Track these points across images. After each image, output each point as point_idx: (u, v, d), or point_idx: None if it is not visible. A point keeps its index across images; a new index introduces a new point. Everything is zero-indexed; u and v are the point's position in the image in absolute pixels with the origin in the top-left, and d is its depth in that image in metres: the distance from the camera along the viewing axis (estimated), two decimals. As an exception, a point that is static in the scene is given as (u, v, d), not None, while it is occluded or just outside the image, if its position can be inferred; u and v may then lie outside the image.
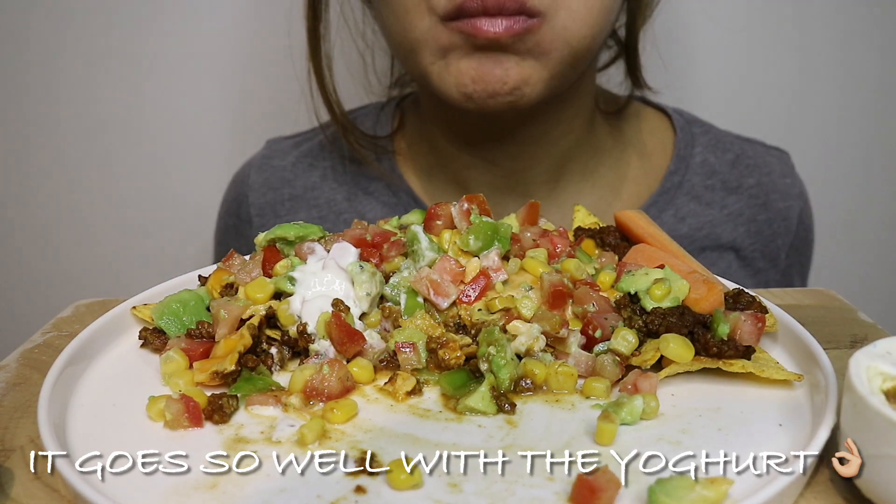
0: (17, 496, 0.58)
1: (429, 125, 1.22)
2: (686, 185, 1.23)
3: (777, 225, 1.25)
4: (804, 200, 1.29)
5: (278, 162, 1.29)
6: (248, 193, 1.28)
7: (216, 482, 0.57)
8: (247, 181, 1.29)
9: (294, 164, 1.28)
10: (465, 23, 0.96)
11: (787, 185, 1.27)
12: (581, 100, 1.16)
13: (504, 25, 0.94)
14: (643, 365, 0.70)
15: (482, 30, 0.95)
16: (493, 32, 0.95)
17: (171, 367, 0.70)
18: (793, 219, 1.26)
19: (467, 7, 0.94)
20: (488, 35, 0.95)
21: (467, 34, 0.96)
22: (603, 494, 0.53)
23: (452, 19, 0.96)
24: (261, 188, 1.27)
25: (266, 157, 1.31)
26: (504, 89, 0.99)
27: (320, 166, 1.28)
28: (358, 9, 1.25)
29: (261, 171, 1.29)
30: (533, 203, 0.86)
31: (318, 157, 1.29)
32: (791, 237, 1.26)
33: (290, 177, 1.28)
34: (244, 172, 1.31)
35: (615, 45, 1.24)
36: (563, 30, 0.98)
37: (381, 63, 1.32)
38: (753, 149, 1.29)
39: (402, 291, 0.76)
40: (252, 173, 1.29)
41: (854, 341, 0.80)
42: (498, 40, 0.95)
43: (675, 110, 1.29)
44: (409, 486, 0.56)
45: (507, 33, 0.95)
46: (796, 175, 1.29)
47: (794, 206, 1.26)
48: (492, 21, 0.94)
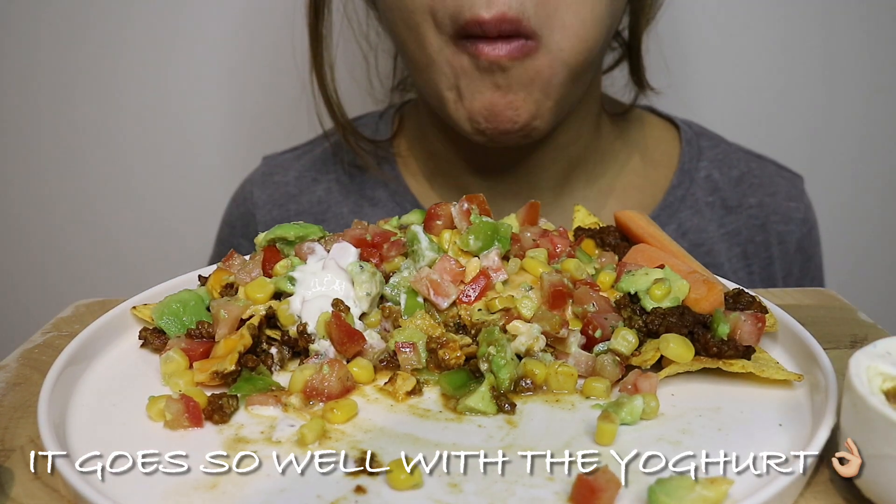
0: (17, 496, 0.58)
1: (429, 131, 1.21)
2: (689, 199, 1.21)
3: (774, 249, 1.22)
4: (809, 227, 1.25)
5: (280, 178, 1.28)
6: (255, 212, 1.26)
7: (216, 482, 0.57)
8: (251, 199, 1.27)
9: (298, 179, 1.27)
10: (469, 45, 0.97)
11: (789, 208, 1.23)
12: (587, 103, 1.15)
13: (504, 50, 0.96)
14: (643, 365, 0.70)
15: (484, 53, 0.96)
16: (496, 55, 0.96)
17: (171, 367, 0.70)
18: (790, 244, 1.23)
19: (469, 28, 0.95)
20: (490, 57, 0.96)
21: (472, 56, 0.97)
22: (603, 494, 0.53)
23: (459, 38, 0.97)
24: (266, 205, 1.26)
25: (266, 173, 1.29)
26: (515, 127, 1.01)
27: (324, 180, 1.26)
28: (361, 9, 1.24)
29: (264, 188, 1.27)
30: (533, 203, 0.86)
31: (321, 169, 1.27)
32: (788, 263, 1.23)
33: (294, 192, 1.26)
34: (246, 190, 1.30)
35: (619, 46, 1.23)
36: (559, 52, 0.98)
37: (383, 66, 1.32)
38: (762, 167, 1.26)
39: (402, 291, 0.76)
40: (255, 191, 1.28)
41: (854, 341, 0.80)
42: (499, 62, 0.96)
43: (684, 122, 1.28)
44: (409, 486, 0.56)
45: (508, 56, 0.96)
46: (804, 200, 1.25)
47: (793, 230, 1.23)
48: (492, 46, 0.96)
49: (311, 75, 1.17)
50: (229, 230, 1.31)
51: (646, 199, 1.22)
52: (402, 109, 1.31)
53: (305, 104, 1.20)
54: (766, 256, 1.22)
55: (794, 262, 1.24)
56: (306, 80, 1.18)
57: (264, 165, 1.31)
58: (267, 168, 1.30)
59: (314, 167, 1.28)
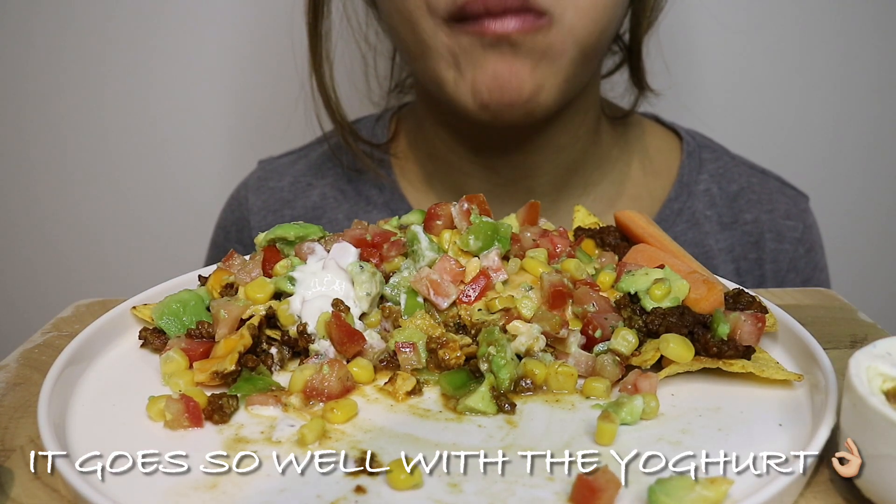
0: (17, 496, 0.58)
1: (428, 133, 1.20)
2: (686, 212, 1.19)
3: (767, 267, 1.19)
4: (806, 248, 1.21)
5: (275, 183, 1.27)
6: (250, 218, 1.25)
7: (216, 482, 0.57)
8: (245, 204, 1.26)
9: (292, 185, 1.26)
10: (470, 25, 0.95)
11: (786, 226, 1.20)
12: (587, 105, 1.14)
13: (514, 24, 0.93)
14: (643, 365, 0.70)
15: (490, 29, 0.93)
16: (504, 30, 0.93)
17: (171, 367, 0.70)
18: (782, 263, 1.20)
19: (470, 9, 0.93)
20: (497, 32, 0.93)
21: (475, 35, 0.95)
22: (603, 494, 0.53)
23: (457, 21, 0.95)
24: (260, 211, 1.25)
25: (261, 178, 1.28)
26: (520, 99, 0.98)
27: (319, 185, 1.25)
28: (361, 9, 1.24)
29: (259, 194, 1.26)
30: (533, 203, 0.86)
31: (316, 174, 1.26)
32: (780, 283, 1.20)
33: (289, 197, 1.25)
34: (241, 195, 1.28)
35: (619, 50, 1.22)
36: (571, 29, 0.96)
37: (382, 67, 1.31)
38: (764, 183, 1.23)
39: (402, 291, 0.76)
40: (250, 196, 1.26)
41: (854, 341, 0.80)
42: (508, 36, 0.94)
43: (688, 132, 1.26)
44: (409, 486, 0.56)
45: (517, 31, 0.93)
46: (805, 220, 1.21)
47: (787, 249, 1.19)
48: (500, 21, 0.93)
49: (311, 75, 1.16)
50: (224, 235, 1.31)
51: (643, 209, 1.20)
52: (399, 112, 1.30)
53: (305, 109, 1.20)
54: (758, 274, 1.20)
55: (788, 282, 1.20)
56: (305, 81, 1.18)
57: (260, 170, 1.30)
58: (262, 173, 1.29)
59: (309, 172, 1.27)
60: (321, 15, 1.13)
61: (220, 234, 1.32)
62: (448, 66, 1.00)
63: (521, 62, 0.96)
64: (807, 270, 1.22)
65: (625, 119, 1.24)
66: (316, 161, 1.28)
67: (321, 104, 1.18)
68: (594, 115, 1.17)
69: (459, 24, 0.95)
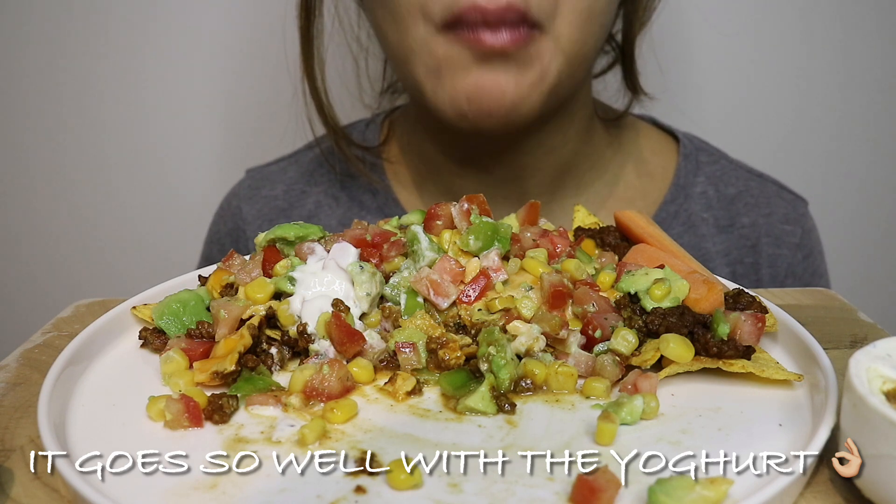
0: (17, 496, 0.58)
1: (420, 136, 1.19)
2: (682, 215, 1.18)
3: (764, 272, 1.18)
4: (805, 254, 1.20)
5: (268, 192, 1.25)
6: (245, 228, 1.23)
7: (216, 482, 0.57)
8: (240, 214, 1.25)
9: (286, 193, 1.25)
10: (465, 34, 0.93)
11: (783, 231, 1.18)
12: (578, 106, 1.13)
13: (508, 38, 0.92)
14: (643, 365, 0.70)
15: (486, 42, 0.92)
16: (499, 45, 0.92)
17: (171, 367, 0.70)
18: (780, 268, 1.18)
19: (467, 17, 0.92)
20: (493, 46, 0.92)
21: (468, 45, 0.94)
22: (603, 494, 0.53)
23: (450, 28, 0.94)
24: (256, 220, 1.23)
25: (252, 187, 1.26)
26: (501, 109, 0.97)
27: (313, 192, 1.24)
28: (353, 11, 1.24)
29: (252, 203, 1.25)
30: (533, 203, 0.86)
31: (308, 181, 1.25)
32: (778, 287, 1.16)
33: (284, 206, 1.24)
34: (233, 205, 1.26)
35: (612, 50, 1.21)
36: (558, 39, 0.96)
37: (374, 69, 1.31)
38: (762, 187, 1.22)
39: (402, 291, 0.76)
40: (243, 206, 1.25)
41: (854, 341, 0.80)
42: (504, 51, 0.93)
43: (685, 135, 1.25)
44: (409, 486, 0.56)
45: (511, 45, 0.93)
46: (803, 225, 1.20)
47: (784, 254, 1.18)
48: (495, 34, 0.92)
49: (303, 79, 1.15)
50: (218, 248, 1.28)
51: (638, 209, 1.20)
52: (390, 116, 1.29)
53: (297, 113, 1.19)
54: (755, 279, 1.19)
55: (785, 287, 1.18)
56: (299, 83, 1.17)
57: (249, 178, 1.29)
58: (252, 181, 1.27)
59: (302, 179, 1.26)
60: (314, 16, 1.12)
61: (214, 247, 1.30)
62: (428, 73, 0.99)
63: (505, 74, 0.95)
64: (805, 276, 1.21)
65: (619, 121, 1.23)
66: (307, 167, 1.27)
67: (313, 109, 1.17)
68: (586, 116, 1.17)
69: (453, 31, 0.94)
